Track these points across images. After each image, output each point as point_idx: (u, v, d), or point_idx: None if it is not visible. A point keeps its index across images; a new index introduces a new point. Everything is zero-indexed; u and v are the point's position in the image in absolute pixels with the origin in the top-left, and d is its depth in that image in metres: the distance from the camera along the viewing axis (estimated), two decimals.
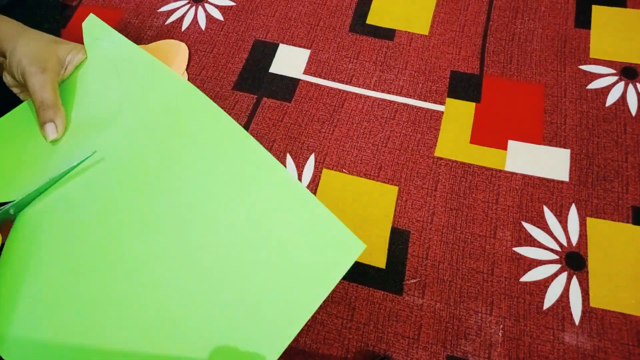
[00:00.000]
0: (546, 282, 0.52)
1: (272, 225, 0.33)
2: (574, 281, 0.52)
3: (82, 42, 0.44)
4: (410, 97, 0.65)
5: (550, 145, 0.60)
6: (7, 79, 0.39)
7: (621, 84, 0.63)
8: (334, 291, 0.53)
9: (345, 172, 0.60)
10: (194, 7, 0.75)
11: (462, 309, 0.52)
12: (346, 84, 0.66)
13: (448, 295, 0.52)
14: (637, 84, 0.63)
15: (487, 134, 0.61)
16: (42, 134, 0.35)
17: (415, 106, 0.64)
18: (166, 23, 0.73)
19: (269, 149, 0.62)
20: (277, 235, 0.33)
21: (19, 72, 0.35)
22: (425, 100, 0.64)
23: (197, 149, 0.34)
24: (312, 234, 0.35)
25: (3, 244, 0.30)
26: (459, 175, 0.59)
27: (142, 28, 0.73)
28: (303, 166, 0.60)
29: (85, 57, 0.39)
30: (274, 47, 0.70)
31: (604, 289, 0.52)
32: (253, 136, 0.39)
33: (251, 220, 0.33)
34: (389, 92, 0.65)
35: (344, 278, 0.54)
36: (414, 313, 0.52)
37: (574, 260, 0.53)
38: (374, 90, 0.66)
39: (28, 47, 0.35)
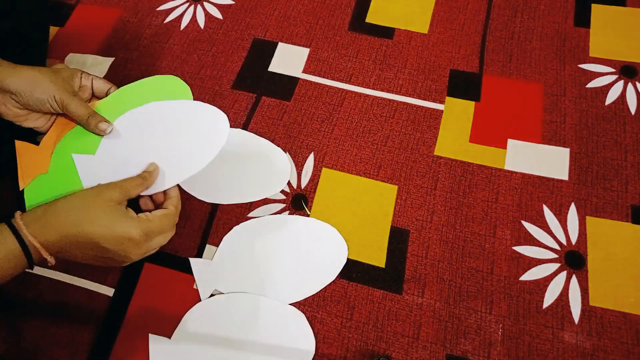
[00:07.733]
0: (546, 281, 0.52)
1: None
2: (574, 280, 0.52)
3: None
4: (409, 96, 0.65)
5: (549, 144, 0.60)
6: (8, 109, 0.46)
7: (620, 83, 0.63)
8: (333, 290, 0.53)
9: (344, 171, 0.60)
10: (192, 6, 0.75)
11: (462, 308, 0.52)
12: (345, 82, 0.66)
13: (447, 294, 0.52)
14: (637, 82, 0.63)
15: (487, 132, 0.61)
16: (97, 132, 0.48)
17: (415, 105, 0.64)
18: (165, 22, 0.73)
19: None
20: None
21: (53, 101, 0.46)
22: (424, 99, 0.64)
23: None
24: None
25: None
26: (458, 174, 0.59)
27: (140, 26, 0.73)
28: (302, 165, 0.60)
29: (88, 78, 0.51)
30: (273, 46, 0.70)
31: (604, 287, 0.52)
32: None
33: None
34: (388, 91, 0.65)
35: (344, 278, 0.54)
36: (414, 312, 0.52)
37: (573, 259, 0.53)
38: (373, 89, 0.66)
39: (42, 80, 0.45)
